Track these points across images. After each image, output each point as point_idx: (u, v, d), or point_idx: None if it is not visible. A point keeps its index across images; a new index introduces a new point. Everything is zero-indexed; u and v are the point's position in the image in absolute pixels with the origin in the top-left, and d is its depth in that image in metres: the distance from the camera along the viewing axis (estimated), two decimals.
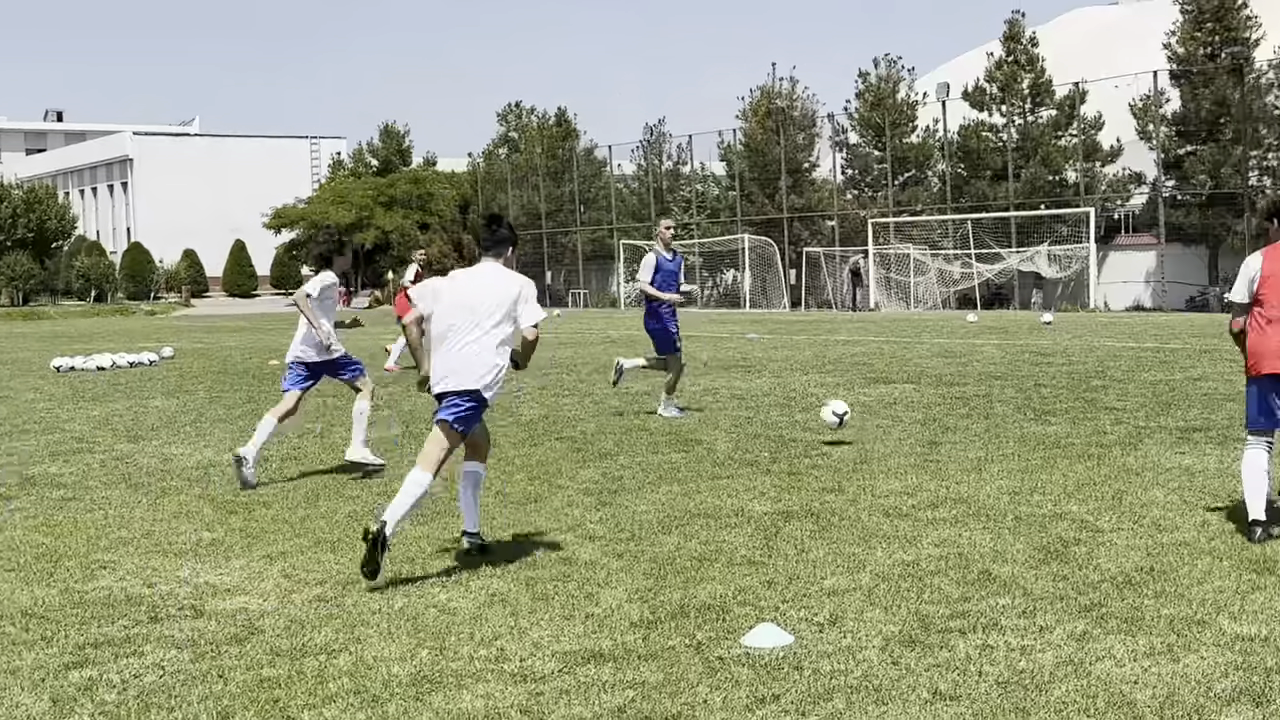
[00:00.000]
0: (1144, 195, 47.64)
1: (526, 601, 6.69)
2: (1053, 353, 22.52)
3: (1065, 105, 49.27)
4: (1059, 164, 49.20)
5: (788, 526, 8.33)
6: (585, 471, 10.70)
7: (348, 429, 13.81)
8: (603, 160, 69.01)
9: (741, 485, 9.88)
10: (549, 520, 8.73)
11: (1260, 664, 5.36)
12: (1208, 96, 43.65)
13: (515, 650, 5.88)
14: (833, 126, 56.85)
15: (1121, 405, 14.20)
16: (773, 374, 19.51)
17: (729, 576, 7.09)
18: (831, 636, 5.95)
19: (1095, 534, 7.86)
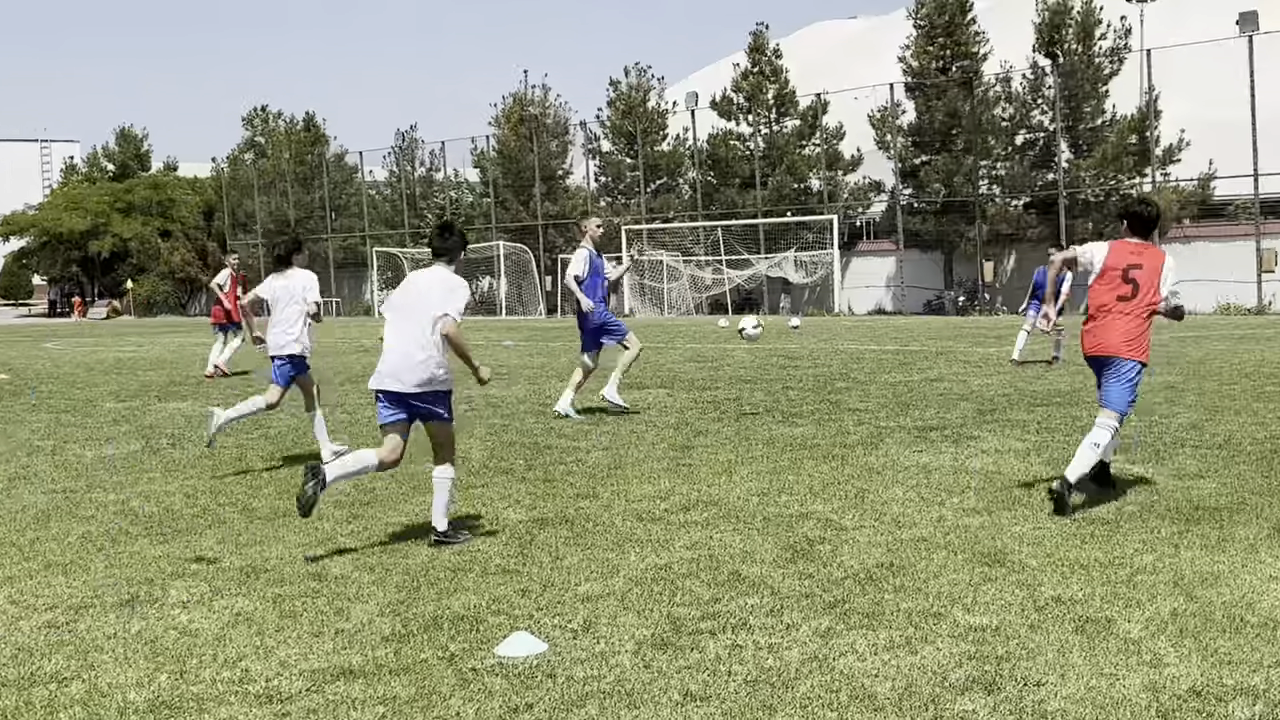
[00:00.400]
0: (883, 203, 49.53)
1: (273, 620, 6.50)
2: (800, 356, 23.18)
3: (808, 115, 50.82)
4: (803, 172, 50.72)
5: (542, 534, 8.33)
6: (337, 484, 10.46)
7: (82, 445, 13.22)
8: (354, 166, 67.91)
9: (496, 493, 9.83)
10: (299, 535, 8.51)
11: (992, 653, 5.60)
12: (940, 108, 45.65)
13: (261, 671, 5.70)
14: (585, 134, 57.30)
15: (864, 406, 14.71)
16: (528, 381, 19.51)
17: (483, 586, 7.04)
18: (585, 643, 5.97)
19: (839, 532, 8.10)
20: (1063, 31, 43.48)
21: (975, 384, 16.92)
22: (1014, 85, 44.75)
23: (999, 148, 45.34)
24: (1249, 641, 5.64)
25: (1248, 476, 9.51)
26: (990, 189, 45.65)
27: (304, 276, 12.40)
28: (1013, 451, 11.07)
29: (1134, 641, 5.70)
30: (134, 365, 25.67)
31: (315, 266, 65.45)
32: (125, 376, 22.69)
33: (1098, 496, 8.91)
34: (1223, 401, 14.12)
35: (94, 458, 12.40)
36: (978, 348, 23.77)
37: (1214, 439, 11.40)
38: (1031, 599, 6.42)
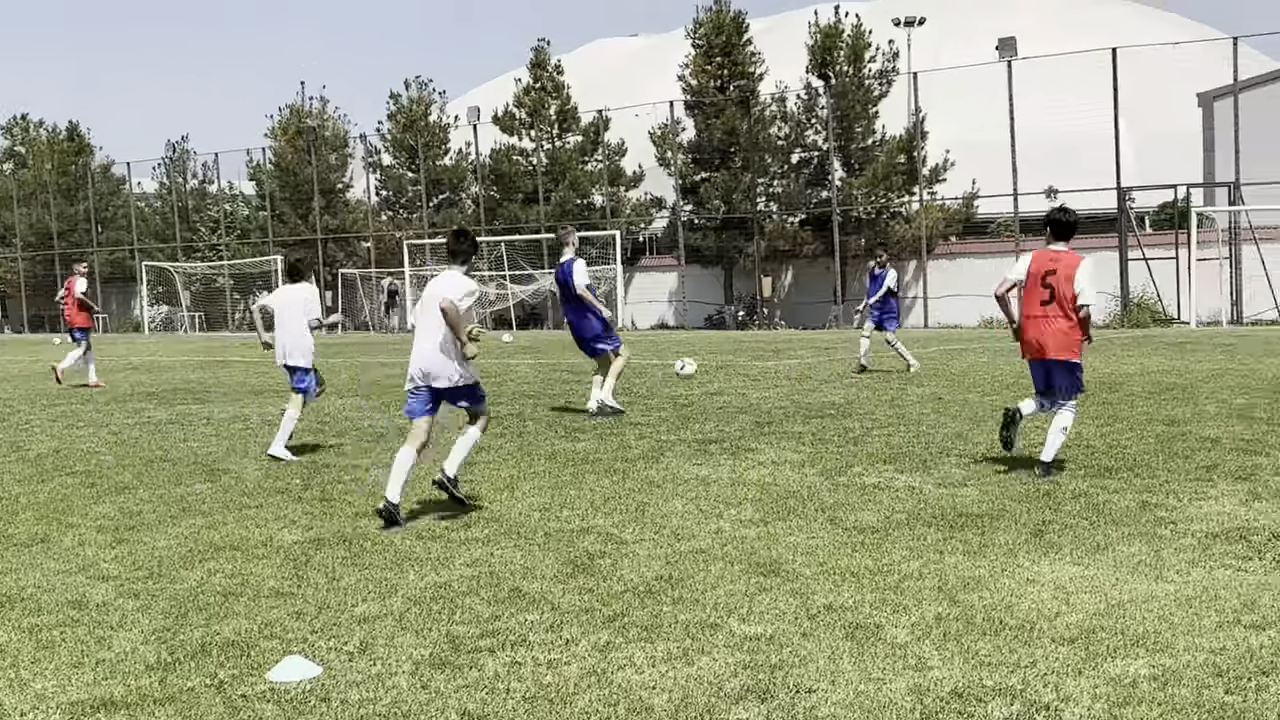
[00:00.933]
0: (665, 219, 50.17)
1: (29, 651, 6.20)
2: (583, 371, 23.27)
3: (590, 131, 51.16)
4: (586, 188, 51.02)
5: (319, 555, 8.16)
6: (100, 507, 10.07)
7: None
8: (121, 178, 65.49)
9: (271, 514, 9.59)
10: (58, 562, 8.14)
11: (766, 662, 5.71)
12: (719, 126, 46.50)
13: (15, 705, 5.43)
14: (366, 147, 56.50)
15: (645, 420, 14.85)
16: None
17: (255, 610, 6.86)
18: (361, 664, 5.87)
19: (620, 545, 8.15)
20: (834, 54, 44.81)
21: (754, 397, 17.26)
22: (789, 105, 45.90)
23: (775, 166, 46.43)
24: (1007, 643, 5.88)
25: (1007, 483, 9.94)
26: (768, 206, 46.70)
27: (306, 289, 13.64)
28: (789, 463, 11.33)
29: (900, 646, 5.88)
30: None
31: None
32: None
33: (869, 505, 9.19)
34: (985, 412, 14.72)
35: None
36: (757, 361, 24.26)
37: (977, 448, 11.88)
38: (804, 607, 6.57)
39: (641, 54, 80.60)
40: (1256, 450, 11.14)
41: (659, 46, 75.95)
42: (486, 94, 68.11)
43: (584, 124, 51.48)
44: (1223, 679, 5.30)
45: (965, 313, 41.36)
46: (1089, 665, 5.53)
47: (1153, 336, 30.64)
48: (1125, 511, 8.72)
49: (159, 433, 15.10)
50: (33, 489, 11.10)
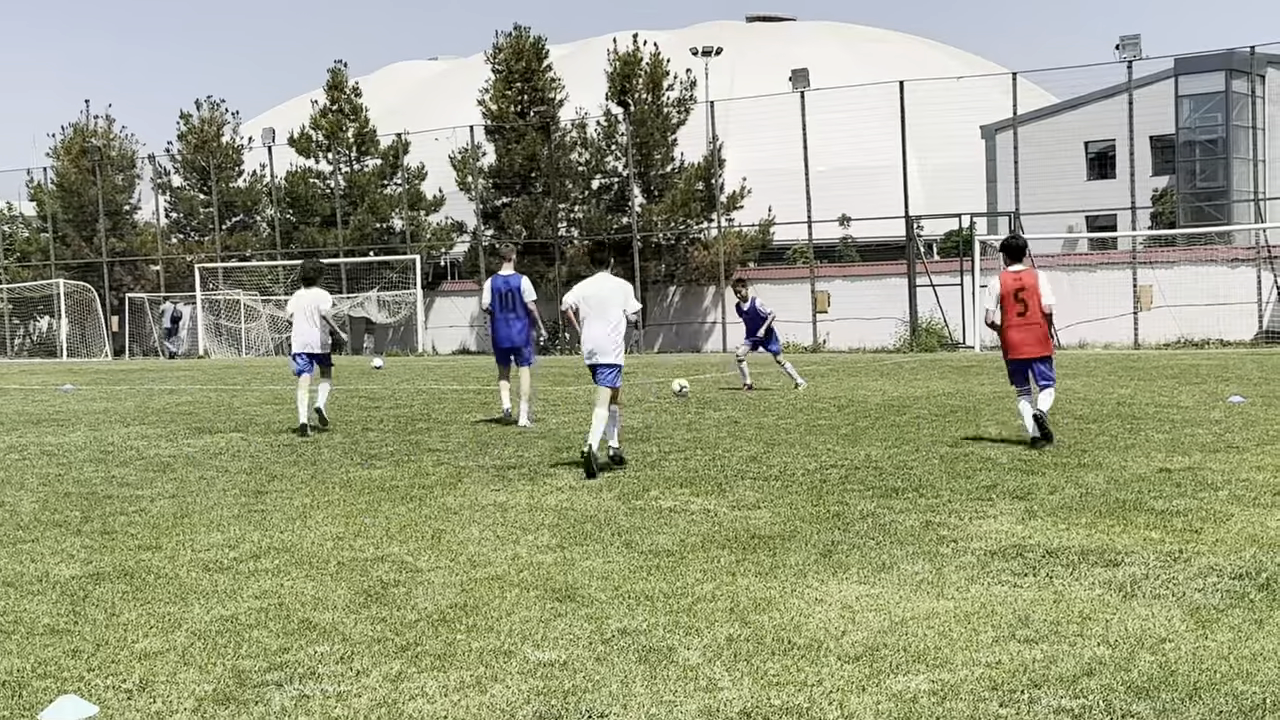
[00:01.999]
0: (466, 243, 49.91)
1: None
2: (382, 397, 22.98)
3: (390, 155, 50.61)
4: (386, 212, 50.43)
5: (98, 589, 7.86)
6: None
7: None
8: None
9: (48, 548, 9.21)
10: None
11: (559, 688, 5.71)
12: (520, 151, 46.52)
13: None
14: (155, 168, 54.84)
15: (444, 446, 14.73)
16: (89, 427, 18.41)
17: (28, 648, 6.57)
18: (140, 703, 5.67)
19: (415, 574, 8.06)
20: (633, 81, 45.30)
21: (553, 422, 17.28)
22: (589, 131, 46.22)
23: (576, 191, 46.65)
24: (795, 662, 6.00)
25: (799, 505, 10.15)
26: (569, 231, 46.89)
27: (318, 294, 17.46)
28: (586, 488, 11.36)
29: (693, 668, 5.95)
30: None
31: None
32: None
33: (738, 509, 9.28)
34: (779, 435, 15.02)
35: None
36: (557, 387, 24.29)
37: (770, 470, 12.11)
38: (599, 632, 6.59)
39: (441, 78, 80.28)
40: (1033, 470, 11.63)
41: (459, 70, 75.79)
42: (282, 116, 66.83)
43: (383, 147, 50.91)
44: (998, 692, 5.50)
45: None
46: (872, 682, 5.68)
47: (939, 360, 31.74)
48: (910, 531, 9.00)
49: None
50: None
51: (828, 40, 72.56)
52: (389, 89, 74.32)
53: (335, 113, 51.04)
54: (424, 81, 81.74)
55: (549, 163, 46.09)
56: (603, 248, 45.02)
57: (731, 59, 62.54)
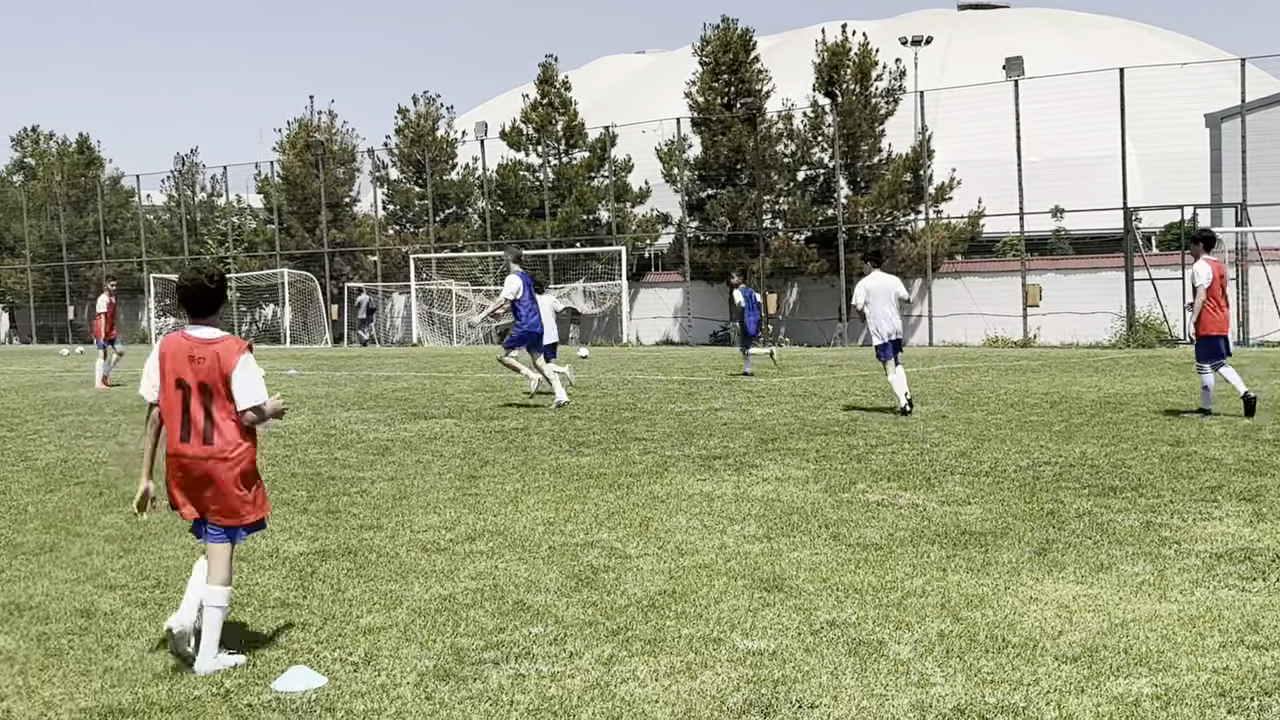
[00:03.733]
0: (670, 235, 50.22)
1: (38, 658, 6.24)
2: (588, 386, 23.32)
3: (597, 148, 51.24)
4: (592, 204, 51.09)
5: (324, 566, 8.19)
6: (108, 517, 10.12)
7: None
8: (130, 190, 65.67)
9: (277, 525, 9.63)
10: (66, 570, 8.18)
11: (768, 676, 5.74)
12: (726, 143, 46.57)
13: (24, 711, 5.47)
14: (373, 161, 56.63)
15: (650, 435, 14.88)
16: (312, 410, 19.16)
17: (260, 620, 6.89)
18: (365, 675, 5.90)
19: (624, 560, 8.18)
20: (841, 72, 44.89)
21: (758, 414, 17.29)
22: (795, 122, 45.98)
23: (781, 183, 46.48)
24: (1010, 661, 5.90)
25: (1011, 502, 9.96)
26: (773, 223, 46.75)
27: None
28: (792, 479, 11.35)
29: (903, 663, 5.91)
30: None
31: (88, 293, 63.24)
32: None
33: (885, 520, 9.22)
34: (989, 430, 14.74)
35: None
36: (760, 379, 24.28)
37: (981, 466, 11.90)
38: (807, 623, 6.59)
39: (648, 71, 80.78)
40: (1262, 471, 11.16)
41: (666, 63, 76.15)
42: (494, 110, 68.30)
43: (590, 140, 51.58)
44: (1226, 699, 5.32)
45: (970, 331, 41.39)
46: (1091, 684, 5.55)
47: (1158, 357, 30.64)
48: (1129, 531, 8.74)
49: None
50: (41, 498, 11.15)
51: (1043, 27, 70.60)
52: (597, 82, 75.17)
53: (545, 106, 51.91)
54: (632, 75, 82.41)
55: (754, 154, 46.02)
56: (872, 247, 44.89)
57: (942, 48, 61.39)
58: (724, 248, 47.12)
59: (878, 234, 44.53)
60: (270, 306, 58.96)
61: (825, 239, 45.05)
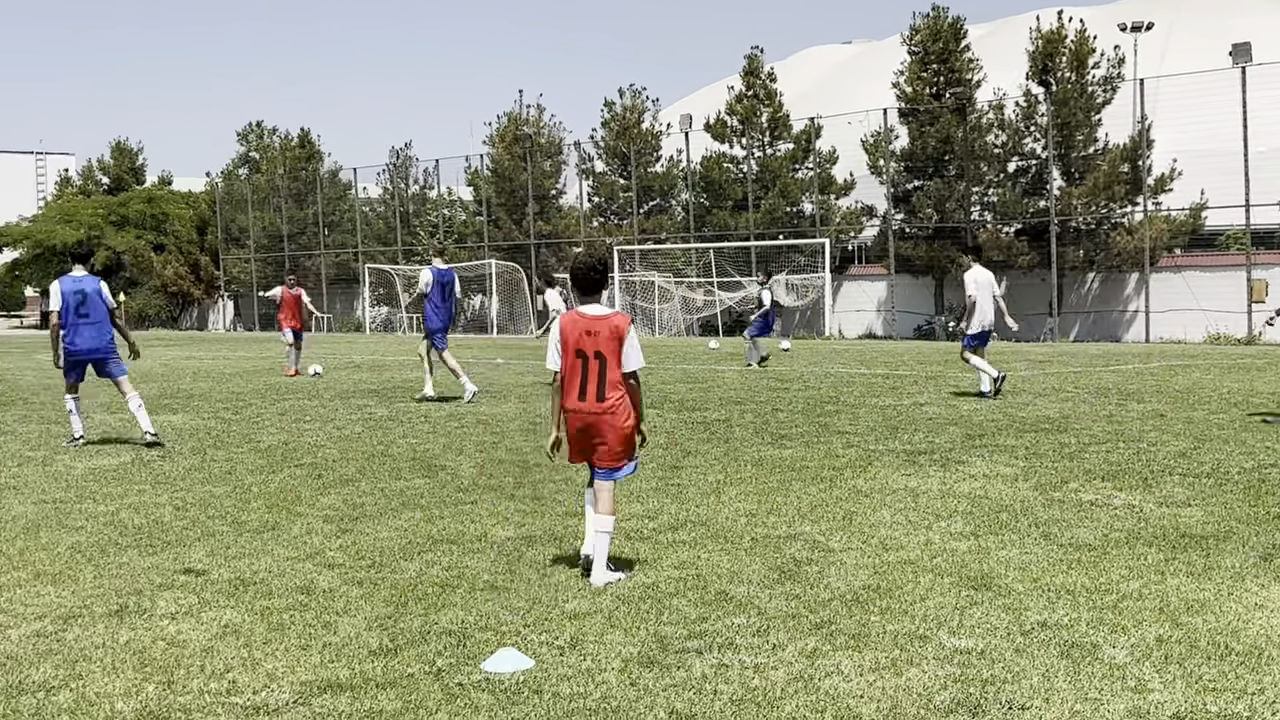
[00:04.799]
0: (875, 227, 49.63)
1: (261, 632, 6.51)
2: (790, 379, 23.22)
3: (802, 139, 50.95)
4: (796, 196, 50.83)
5: (531, 551, 8.34)
6: (326, 498, 10.49)
7: (72, 456, 13.23)
8: (348, 182, 67.96)
9: (485, 510, 9.85)
10: (287, 549, 8.52)
11: (977, 676, 5.63)
12: (933, 134, 45.80)
13: (248, 682, 5.71)
14: (579, 154, 57.40)
15: (853, 429, 14.74)
16: (519, 399, 19.53)
17: (471, 602, 7.06)
18: (572, 659, 5.98)
19: (827, 554, 8.12)
20: (1056, 59, 43.68)
21: (964, 409, 16.96)
22: (1007, 112, 44.94)
23: (991, 174, 45.48)
24: (1233, 669, 5.67)
25: (1234, 505, 9.55)
26: (982, 215, 45.80)
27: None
28: (1000, 476, 11.11)
29: (1119, 667, 5.72)
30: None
31: (308, 283, 65.80)
32: (115, 389, 22.67)
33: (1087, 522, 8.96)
34: (1211, 430, 14.17)
35: (84, 469, 12.40)
36: (968, 374, 23.80)
37: (1201, 467, 11.44)
38: (1017, 623, 6.44)
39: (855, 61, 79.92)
40: None
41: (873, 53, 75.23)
42: (698, 101, 68.50)
43: (795, 131, 51.31)
44: None
45: (1189, 328, 39.84)
46: None
47: None
48: None
49: (379, 429, 15.63)
50: (263, 479, 11.62)
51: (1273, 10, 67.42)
52: (803, 73, 74.69)
53: (750, 98, 51.84)
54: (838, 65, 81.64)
55: (963, 145, 45.13)
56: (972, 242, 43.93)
57: (1163, 33, 59.13)
58: (930, 240, 46.36)
59: (1091, 226, 43.22)
60: (478, 297, 60.30)
61: (1036, 231, 43.93)
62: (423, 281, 19.20)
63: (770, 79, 51.98)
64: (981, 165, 45.33)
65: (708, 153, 52.68)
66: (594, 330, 7.47)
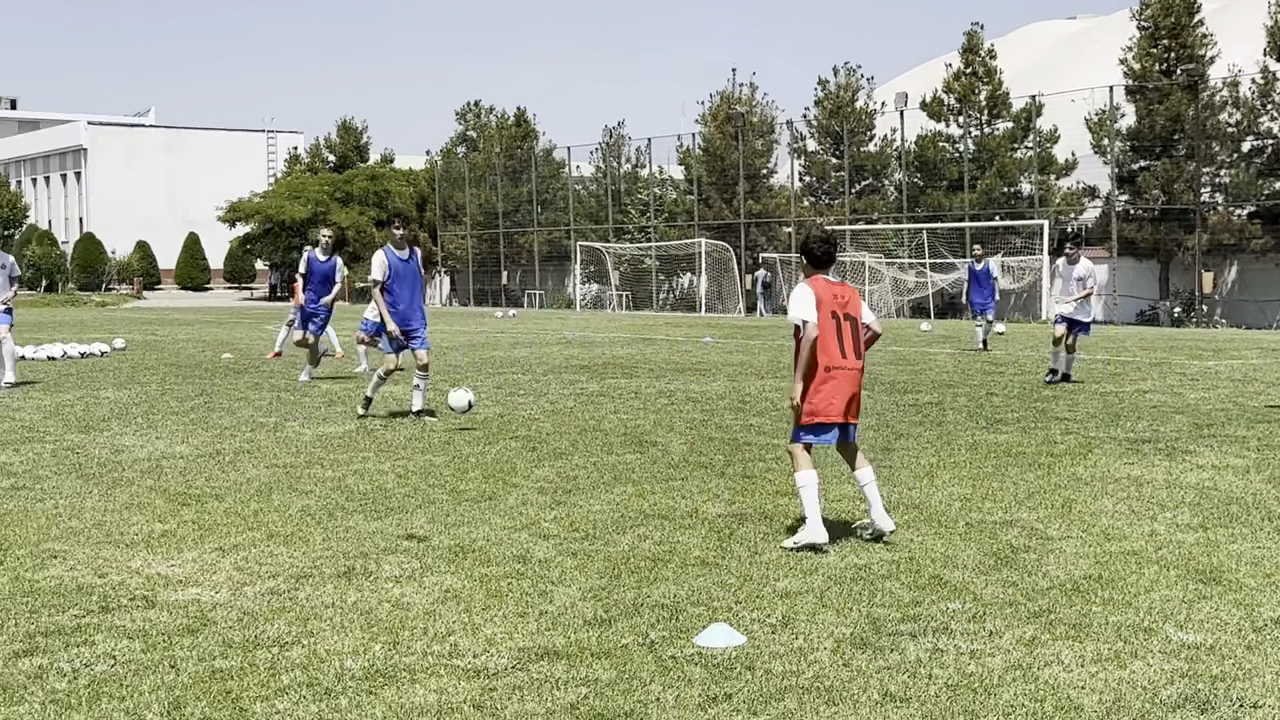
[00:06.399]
0: (1097, 209, 48.10)
1: (480, 598, 6.69)
2: (1005, 363, 22.72)
3: (1022, 118, 49.65)
4: (1014, 176, 49.58)
5: (741, 529, 8.37)
6: (540, 470, 10.71)
7: (301, 423, 13.80)
8: (561, 161, 68.97)
9: (695, 487, 9.92)
10: (503, 518, 8.73)
11: (1206, 671, 5.44)
12: (1162, 113, 44.12)
13: (468, 646, 5.88)
14: (791, 133, 57.06)
15: (1072, 415, 14.35)
16: (728, 378, 19.58)
17: (682, 577, 7.12)
18: (784, 638, 5.99)
19: (1045, 541, 7.94)
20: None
21: (1191, 398, 16.33)
22: (1242, 89, 42.97)
23: (1224, 154, 43.58)
24: None
25: None
26: (1213, 197, 43.94)
27: None
28: (1231, 468, 10.67)
29: None
30: (350, 348, 26.52)
31: (520, 259, 67.14)
32: (341, 359, 23.53)
33: None
34: None
35: (312, 436, 12.91)
36: (1194, 361, 22.93)
37: None
38: (1249, 619, 6.20)
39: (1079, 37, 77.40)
40: None
41: (1099, 29, 72.73)
42: (914, 79, 67.34)
43: (1015, 110, 50.03)
44: None
45: None
46: None
47: None
48: None
49: (591, 404, 15.86)
50: (480, 450, 11.93)
51: None
52: (1024, 50, 72.72)
53: (968, 75, 50.76)
54: (1061, 41, 79.20)
55: (1194, 124, 43.34)
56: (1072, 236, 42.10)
57: None
58: (1155, 223, 44.72)
59: None
60: (686, 275, 60.57)
61: (1272, 214, 41.95)
62: (301, 267, 19.41)
63: (990, 56, 50.79)
64: (1213, 145, 43.48)
65: (923, 131, 51.79)
66: (840, 296, 7.98)
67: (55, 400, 16.33)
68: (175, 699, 5.19)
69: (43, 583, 7.01)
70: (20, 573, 7.22)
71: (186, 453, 11.75)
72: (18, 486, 10.01)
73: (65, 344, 25.42)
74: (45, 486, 9.99)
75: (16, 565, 7.40)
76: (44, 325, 38.57)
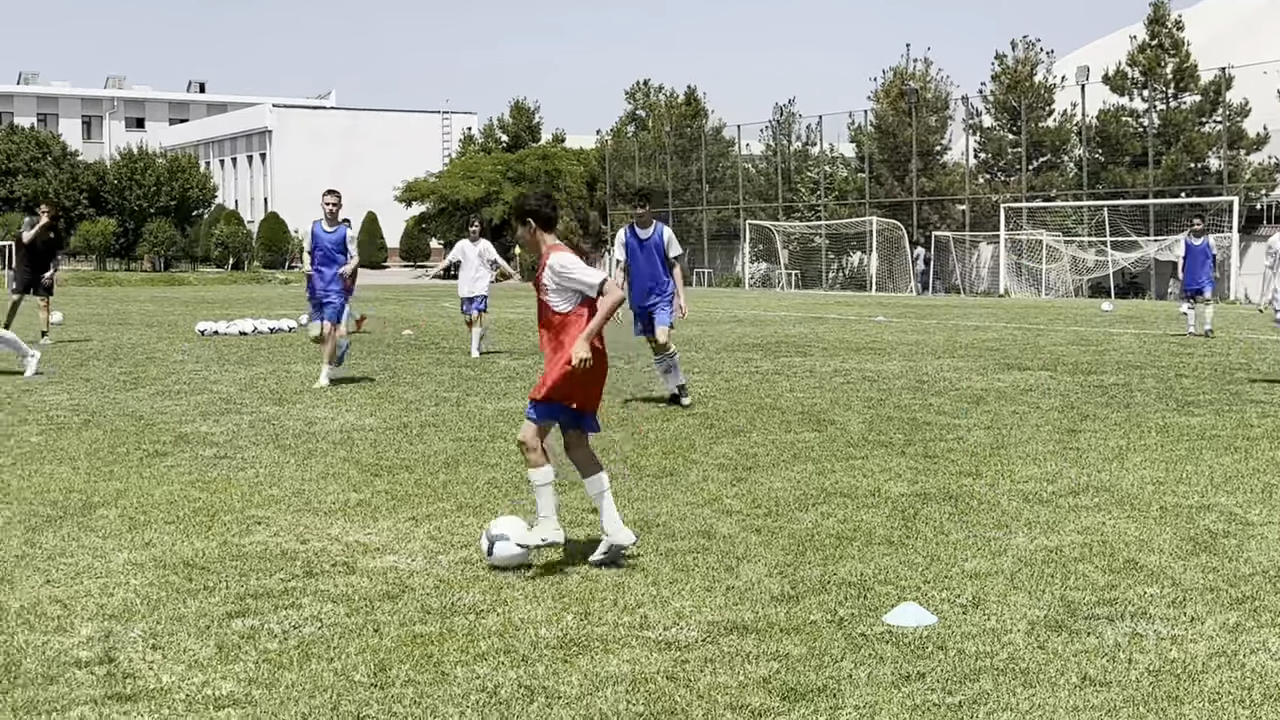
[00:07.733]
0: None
1: (667, 572, 6.76)
2: (1194, 344, 22.03)
3: (1210, 91, 47.96)
4: (1202, 151, 47.94)
5: (925, 508, 8.30)
6: (719, 447, 10.75)
7: (482, 398, 14.08)
8: (731, 140, 68.85)
9: (876, 466, 9.85)
10: (685, 494, 8.79)
11: None
12: None
13: (658, 619, 5.95)
14: (966, 109, 56.01)
15: (1269, 399, 13.85)
16: (903, 357, 19.36)
17: (868, 555, 7.09)
18: (975, 618, 5.93)
19: (1245, 526, 7.70)
20: None
21: None
22: None
23: None
24: None
25: None
26: None
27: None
28: None
29: None
30: (522, 327, 26.92)
31: (689, 238, 67.25)
32: (517, 336, 23.93)
33: None
34: None
35: (494, 410, 13.16)
36: None
37: None
38: None
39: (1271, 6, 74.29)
40: None
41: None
42: (1096, 52, 65.41)
43: (1203, 83, 48.30)
44: None
45: None
46: None
47: None
48: None
49: (766, 382, 15.85)
50: (659, 426, 12.02)
51: None
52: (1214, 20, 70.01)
53: (1154, 48, 49.20)
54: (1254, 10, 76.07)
55: None
56: None
57: None
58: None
59: None
60: (857, 254, 60.00)
61: None
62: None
63: (1177, 27, 49.16)
64: None
65: (1105, 106, 50.36)
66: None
67: (250, 373, 16.94)
68: (380, 661, 5.37)
69: (249, 547, 7.30)
70: (228, 538, 7.54)
71: (375, 425, 12.08)
72: (220, 455, 10.43)
73: (255, 319, 26.34)
74: (245, 456, 10.39)
75: (224, 530, 7.73)
76: (232, 301, 39.99)
